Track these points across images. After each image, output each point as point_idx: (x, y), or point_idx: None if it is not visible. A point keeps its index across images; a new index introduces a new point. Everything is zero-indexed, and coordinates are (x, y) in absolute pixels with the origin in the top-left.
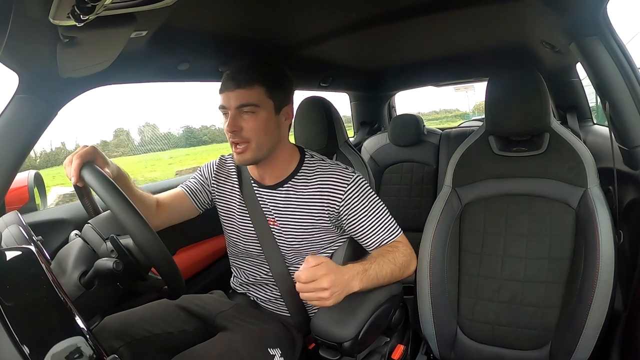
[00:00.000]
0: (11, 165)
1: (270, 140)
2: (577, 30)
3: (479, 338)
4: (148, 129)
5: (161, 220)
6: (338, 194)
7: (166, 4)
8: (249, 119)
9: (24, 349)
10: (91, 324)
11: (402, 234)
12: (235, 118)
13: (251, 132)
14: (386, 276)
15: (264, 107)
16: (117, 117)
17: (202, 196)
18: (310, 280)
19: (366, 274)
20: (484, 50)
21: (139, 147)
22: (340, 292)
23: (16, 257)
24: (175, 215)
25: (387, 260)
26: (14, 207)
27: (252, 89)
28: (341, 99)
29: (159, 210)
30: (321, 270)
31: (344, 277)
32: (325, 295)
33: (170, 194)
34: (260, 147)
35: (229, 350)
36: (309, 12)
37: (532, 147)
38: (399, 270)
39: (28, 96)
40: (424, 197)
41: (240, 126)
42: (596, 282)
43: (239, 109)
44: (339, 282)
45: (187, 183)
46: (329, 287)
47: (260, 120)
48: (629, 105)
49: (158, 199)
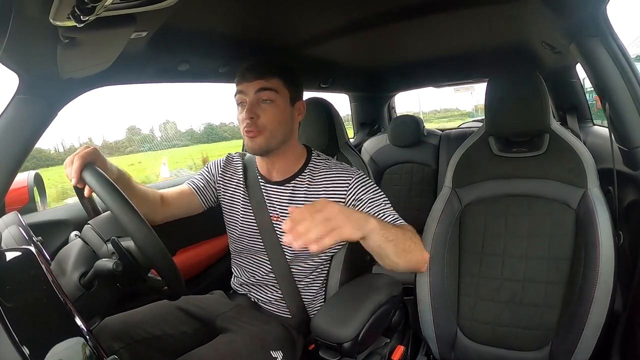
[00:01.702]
0: (11, 166)
1: (284, 131)
2: (577, 31)
3: (479, 339)
4: (169, 126)
5: (165, 215)
6: (343, 187)
7: (166, 4)
8: (266, 107)
9: (24, 349)
10: (91, 325)
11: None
12: (254, 106)
13: (268, 120)
14: (399, 245)
15: (282, 95)
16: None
17: (208, 193)
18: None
19: (385, 228)
20: (484, 51)
21: (164, 143)
22: (355, 222)
23: (16, 258)
24: (180, 210)
25: (406, 237)
26: (14, 207)
27: (271, 80)
28: (341, 100)
29: (164, 206)
30: (323, 202)
31: (353, 214)
32: (334, 224)
33: (176, 190)
34: (274, 135)
35: (230, 353)
36: (309, 13)
37: (532, 148)
38: (416, 250)
39: (28, 97)
40: (424, 197)
41: (258, 114)
42: (596, 282)
43: (258, 95)
44: (350, 213)
45: (193, 179)
46: (334, 216)
47: (278, 109)
48: (629, 106)
49: (163, 194)
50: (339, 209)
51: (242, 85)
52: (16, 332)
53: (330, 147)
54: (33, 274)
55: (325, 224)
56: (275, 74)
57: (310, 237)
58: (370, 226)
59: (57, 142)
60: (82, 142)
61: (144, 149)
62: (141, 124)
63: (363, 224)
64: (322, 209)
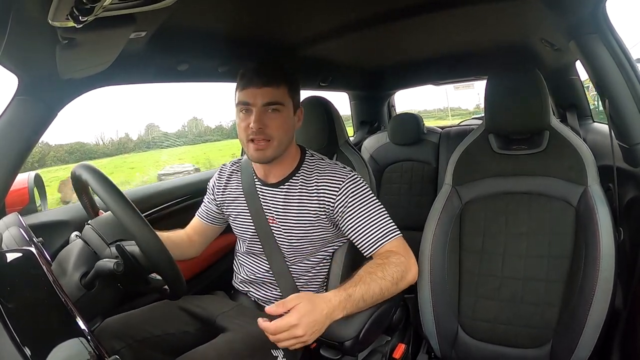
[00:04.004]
0: (11, 166)
1: (289, 139)
2: (576, 29)
3: (480, 336)
4: (198, 123)
5: (195, 249)
6: (333, 192)
7: (165, 4)
8: (274, 116)
9: (25, 350)
10: (92, 325)
11: (399, 236)
12: (262, 115)
13: (276, 130)
14: (375, 295)
15: (287, 106)
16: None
17: (216, 213)
18: (281, 331)
19: (350, 299)
20: (483, 49)
21: (197, 138)
22: (320, 328)
23: (17, 259)
24: (206, 239)
25: (376, 277)
26: (15, 208)
27: (279, 88)
28: (340, 98)
29: (191, 243)
30: (291, 321)
31: (321, 312)
32: (303, 339)
33: (193, 225)
34: (281, 145)
35: (230, 352)
36: (308, 12)
37: (532, 145)
38: (392, 285)
39: (27, 98)
40: (424, 195)
41: (266, 124)
42: (596, 280)
43: (266, 107)
44: (315, 320)
45: (200, 210)
46: (304, 333)
47: (283, 118)
48: (629, 102)
49: (187, 233)
50: (306, 318)
51: (249, 90)
52: (17, 333)
53: (329, 146)
54: (34, 274)
55: (292, 341)
56: (284, 82)
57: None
58: (336, 315)
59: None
60: (120, 136)
61: (180, 143)
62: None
63: (333, 318)
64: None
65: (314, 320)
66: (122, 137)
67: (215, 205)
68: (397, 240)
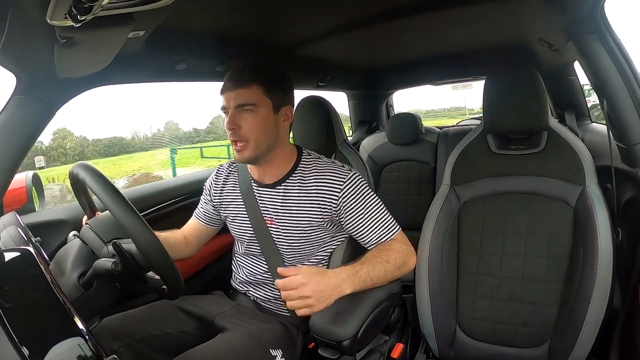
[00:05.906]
0: (9, 166)
1: (269, 139)
2: (574, 29)
3: (478, 336)
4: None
5: (191, 250)
6: (334, 192)
7: (163, 3)
8: (247, 117)
9: (23, 350)
10: (90, 325)
11: (400, 231)
12: (235, 116)
13: (250, 130)
14: (380, 276)
15: (262, 105)
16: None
17: (213, 214)
18: (290, 288)
19: (357, 275)
20: (481, 49)
21: (224, 135)
22: (328, 296)
23: (15, 258)
24: (201, 240)
25: (381, 260)
26: (12, 208)
27: (250, 88)
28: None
29: (187, 243)
30: (300, 279)
31: (329, 281)
32: (310, 302)
33: (190, 226)
34: (259, 145)
35: (229, 351)
36: (306, 12)
37: (530, 145)
38: (395, 269)
39: (26, 97)
40: (422, 195)
41: (239, 124)
42: (595, 279)
43: (238, 108)
44: (324, 288)
45: (197, 210)
46: (311, 294)
47: (259, 118)
48: (627, 103)
49: (184, 233)
50: (314, 280)
51: (225, 94)
52: (15, 333)
53: (328, 146)
54: (32, 274)
55: (300, 302)
56: (255, 82)
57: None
58: (344, 288)
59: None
60: (154, 132)
61: (209, 139)
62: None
63: (341, 291)
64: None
65: (323, 286)
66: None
67: (212, 206)
68: (398, 234)
